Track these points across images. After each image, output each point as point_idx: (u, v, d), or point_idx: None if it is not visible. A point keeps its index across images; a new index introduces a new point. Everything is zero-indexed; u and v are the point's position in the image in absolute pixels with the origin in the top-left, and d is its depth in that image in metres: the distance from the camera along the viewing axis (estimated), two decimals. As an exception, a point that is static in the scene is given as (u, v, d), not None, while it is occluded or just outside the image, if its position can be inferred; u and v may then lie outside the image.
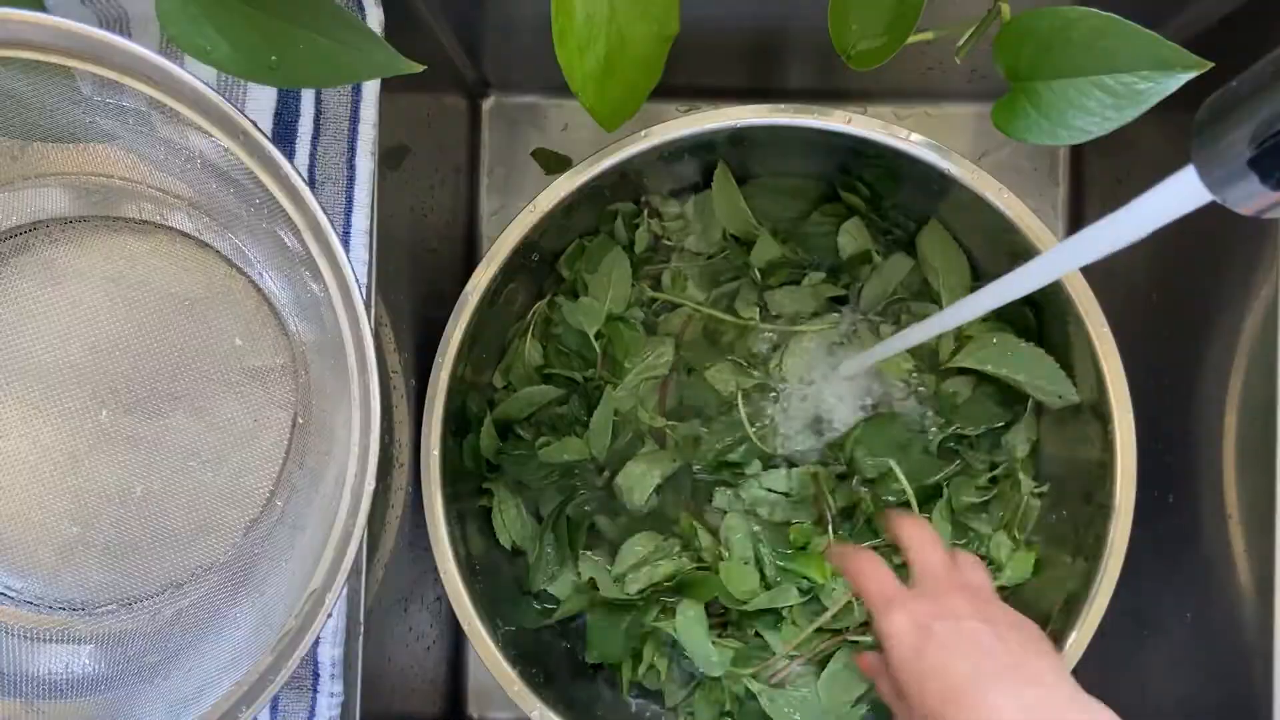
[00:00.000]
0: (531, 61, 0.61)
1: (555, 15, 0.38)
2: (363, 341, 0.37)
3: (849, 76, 0.43)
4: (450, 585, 0.51)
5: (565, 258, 0.59)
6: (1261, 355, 0.47)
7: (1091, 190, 0.64)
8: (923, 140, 0.49)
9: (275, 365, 0.46)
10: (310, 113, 0.46)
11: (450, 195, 0.61)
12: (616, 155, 0.51)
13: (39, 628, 0.45)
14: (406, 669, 0.55)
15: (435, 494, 0.51)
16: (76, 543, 0.45)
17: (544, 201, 0.51)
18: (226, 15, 0.36)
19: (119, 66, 0.37)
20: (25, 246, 0.46)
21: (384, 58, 0.38)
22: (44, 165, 0.45)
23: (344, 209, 0.46)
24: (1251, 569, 0.47)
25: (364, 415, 0.38)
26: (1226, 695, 0.49)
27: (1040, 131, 0.39)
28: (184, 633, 0.44)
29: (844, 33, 0.41)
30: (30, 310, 0.45)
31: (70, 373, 0.45)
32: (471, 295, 0.51)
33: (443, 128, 0.60)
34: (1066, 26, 0.37)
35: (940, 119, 0.64)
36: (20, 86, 0.38)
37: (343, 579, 0.38)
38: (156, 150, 0.43)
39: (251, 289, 0.46)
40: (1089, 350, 0.50)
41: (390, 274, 0.49)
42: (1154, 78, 0.36)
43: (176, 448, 0.46)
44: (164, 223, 0.46)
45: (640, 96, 0.41)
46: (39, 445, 0.45)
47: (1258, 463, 0.46)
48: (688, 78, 0.60)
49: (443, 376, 0.51)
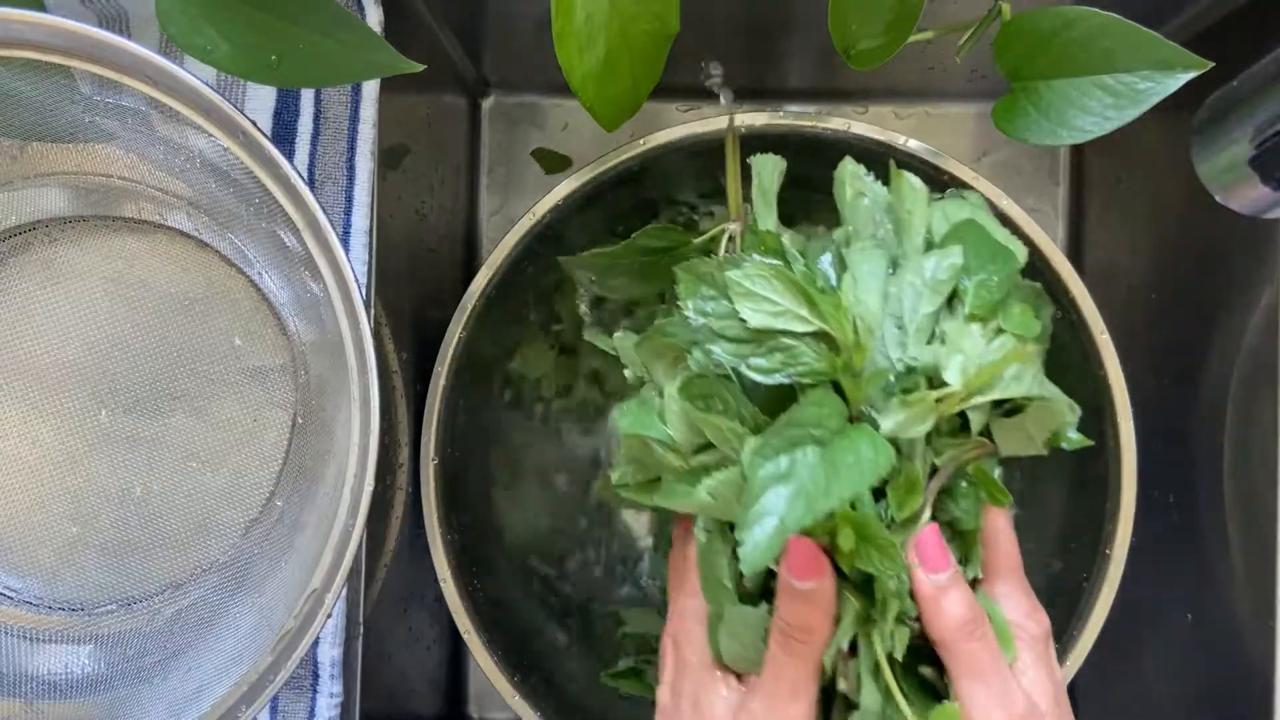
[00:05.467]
0: (531, 61, 0.61)
1: (555, 15, 0.38)
2: (362, 341, 0.37)
3: (849, 76, 0.43)
4: (449, 595, 0.51)
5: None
6: (1262, 355, 0.47)
7: (1092, 190, 0.64)
8: (920, 146, 0.49)
9: (275, 365, 0.46)
10: (310, 112, 0.46)
11: (450, 195, 0.61)
12: (621, 156, 0.50)
13: (38, 628, 0.45)
14: (406, 669, 0.55)
15: (433, 509, 0.51)
16: (76, 543, 0.45)
17: (543, 206, 0.51)
18: (226, 15, 0.36)
19: (118, 66, 0.37)
20: (24, 246, 0.46)
21: (384, 57, 0.38)
22: (43, 165, 0.45)
23: (343, 209, 0.46)
24: (1252, 569, 0.47)
25: (364, 415, 0.38)
26: (1227, 695, 0.49)
27: (1040, 131, 0.39)
28: (183, 633, 0.44)
29: (844, 32, 0.41)
30: (29, 310, 0.45)
31: (69, 372, 0.45)
32: (472, 299, 0.51)
33: (443, 127, 0.60)
34: (1067, 26, 0.37)
35: (940, 119, 0.64)
36: (20, 86, 0.38)
37: (342, 579, 0.38)
38: (156, 150, 0.43)
39: (251, 289, 0.46)
40: (1089, 351, 0.50)
41: (390, 274, 0.49)
42: (1154, 77, 0.36)
43: (176, 448, 0.46)
44: (163, 222, 0.46)
45: (641, 96, 0.41)
46: (38, 445, 0.45)
47: (1258, 463, 0.46)
48: (688, 77, 0.60)
49: (441, 385, 0.51)
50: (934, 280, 0.37)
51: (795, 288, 0.35)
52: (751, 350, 0.36)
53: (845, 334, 0.35)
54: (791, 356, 0.35)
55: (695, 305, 0.36)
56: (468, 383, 0.54)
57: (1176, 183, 0.53)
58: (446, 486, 0.52)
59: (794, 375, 0.35)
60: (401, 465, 0.52)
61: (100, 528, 0.45)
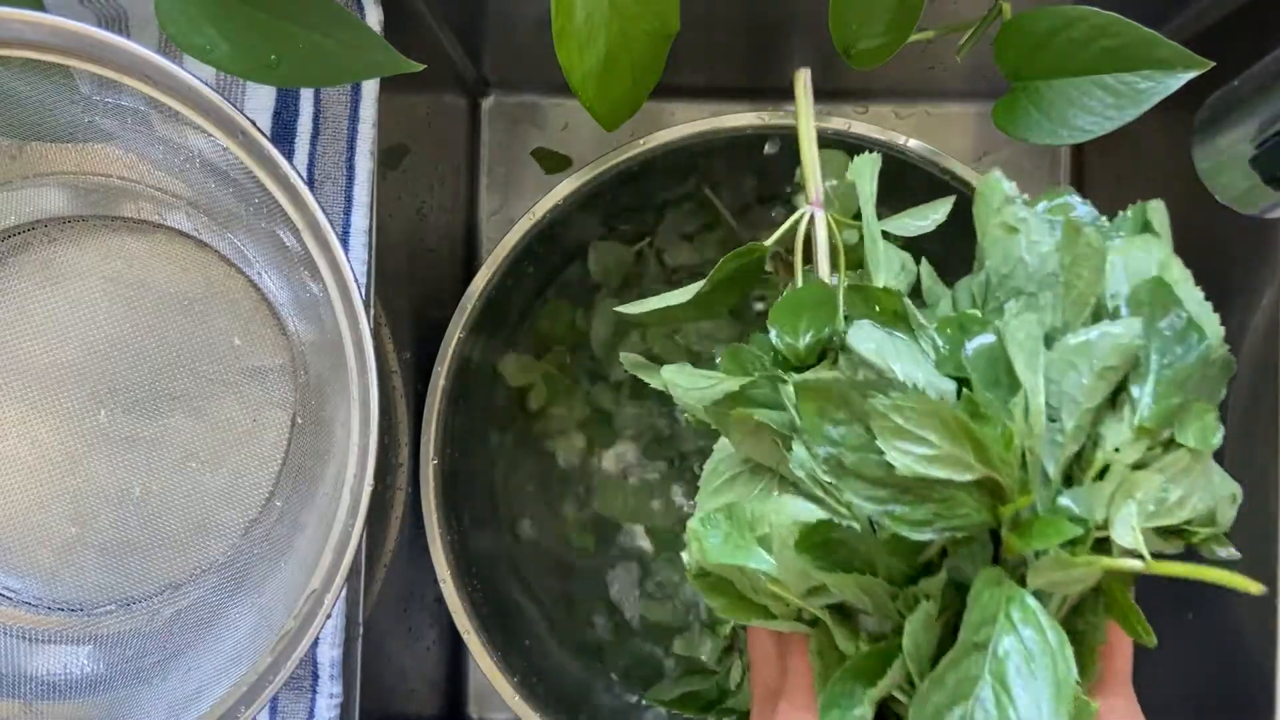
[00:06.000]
0: (531, 60, 0.61)
1: (555, 14, 0.38)
2: (362, 341, 0.37)
3: (849, 76, 0.43)
4: (449, 595, 0.51)
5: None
6: (1263, 357, 0.46)
7: (1092, 190, 0.64)
8: (921, 146, 0.49)
9: (274, 365, 0.46)
10: (309, 112, 0.46)
11: (450, 195, 0.61)
12: (621, 156, 0.50)
13: (37, 628, 0.45)
14: (406, 669, 0.55)
15: (433, 509, 0.51)
16: (75, 543, 0.45)
17: (543, 206, 0.51)
18: (225, 14, 0.36)
19: (118, 66, 0.36)
20: (23, 246, 0.46)
21: (384, 57, 0.38)
22: (42, 165, 0.45)
23: (343, 208, 0.45)
24: (1252, 569, 0.47)
25: (363, 415, 0.37)
26: (1227, 695, 0.49)
27: (1041, 131, 0.39)
28: (183, 633, 0.44)
29: (844, 32, 0.41)
30: (28, 310, 0.45)
31: (68, 373, 0.45)
32: (471, 299, 0.51)
33: (442, 127, 0.60)
34: (1067, 26, 0.37)
35: (941, 118, 0.64)
36: (19, 86, 0.38)
37: (342, 579, 0.38)
38: (155, 150, 0.43)
39: (250, 288, 0.46)
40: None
41: (390, 274, 0.49)
42: (1155, 77, 0.36)
43: (175, 448, 0.46)
44: (162, 222, 0.46)
45: (641, 95, 0.41)
46: (37, 446, 0.45)
47: (1258, 463, 0.46)
48: (688, 77, 0.60)
49: (441, 385, 0.51)
50: (1102, 368, 0.29)
51: (960, 431, 0.27)
52: (894, 496, 0.29)
53: (1014, 479, 0.29)
54: (946, 509, 0.28)
55: (823, 433, 0.29)
56: (468, 383, 0.54)
57: (1177, 183, 0.53)
58: (446, 486, 0.52)
59: (948, 531, 0.29)
60: (401, 465, 0.52)
61: (99, 528, 0.45)
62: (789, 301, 0.33)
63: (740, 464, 0.34)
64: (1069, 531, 0.28)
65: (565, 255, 0.59)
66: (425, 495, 0.51)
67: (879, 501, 0.29)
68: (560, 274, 0.60)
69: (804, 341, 0.33)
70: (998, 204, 0.32)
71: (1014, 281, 0.32)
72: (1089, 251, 0.30)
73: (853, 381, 0.30)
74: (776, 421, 0.31)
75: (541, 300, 0.59)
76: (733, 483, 0.34)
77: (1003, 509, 0.28)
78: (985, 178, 0.33)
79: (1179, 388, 0.29)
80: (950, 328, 0.31)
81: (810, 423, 0.29)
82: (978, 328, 0.31)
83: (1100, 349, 0.29)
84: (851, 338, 0.30)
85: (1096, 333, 0.29)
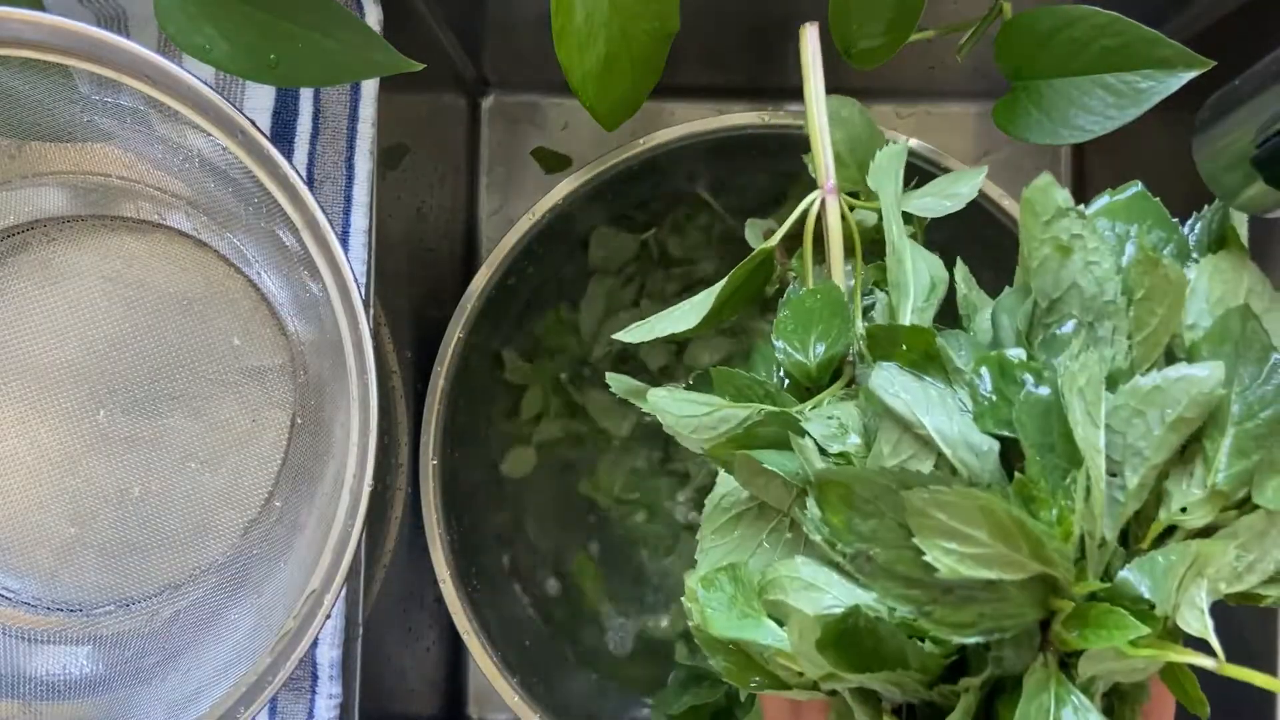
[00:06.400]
0: (531, 60, 0.61)
1: (555, 14, 0.38)
2: (361, 341, 0.37)
3: (849, 75, 0.43)
4: (448, 595, 0.50)
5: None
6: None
7: (1093, 190, 0.64)
8: (921, 146, 0.49)
9: (273, 365, 0.46)
10: (309, 112, 0.45)
11: (450, 195, 0.61)
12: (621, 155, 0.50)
13: (36, 629, 0.45)
14: (406, 669, 0.55)
15: (432, 509, 0.51)
16: (74, 544, 0.45)
17: (542, 205, 0.51)
18: (225, 14, 0.36)
19: (117, 65, 0.36)
20: (22, 246, 0.46)
21: (383, 56, 0.38)
22: (41, 164, 0.45)
23: (343, 208, 0.45)
24: None
25: (363, 415, 0.37)
26: (1227, 695, 0.49)
27: (1041, 131, 0.39)
28: (182, 634, 0.44)
29: (845, 32, 0.41)
30: (27, 310, 0.45)
31: (67, 373, 0.45)
32: (471, 299, 0.51)
33: (442, 127, 0.60)
34: (1068, 25, 0.37)
35: (941, 118, 0.64)
36: (18, 85, 0.38)
37: (341, 580, 0.37)
38: (154, 149, 0.43)
39: (250, 288, 0.46)
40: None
41: (389, 274, 0.49)
42: (1156, 76, 0.36)
43: (174, 448, 0.46)
44: (162, 222, 0.46)
45: (640, 95, 0.41)
46: (36, 446, 0.45)
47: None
48: (688, 77, 0.60)
49: (441, 385, 0.51)
50: (1176, 418, 0.24)
51: (1014, 528, 0.23)
52: (933, 598, 0.24)
53: (1070, 570, 0.25)
54: (993, 609, 0.24)
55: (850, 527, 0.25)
56: (468, 383, 0.54)
57: (1178, 182, 0.53)
58: (446, 486, 0.52)
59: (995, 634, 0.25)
60: (401, 465, 0.52)
61: (99, 528, 0.45)
62: (797, 309, 0.29)
63: (747, 500, 0.30)
64: (1133, 630, 0.24)
65: (565, 255, 0.59)
66: (425, 495, 0.51)
67: (916, 603, 0.25)
68: (560, 273, 0.60)
69: (815, 357, 0.29)
70: (1048, 216, 0.27)
71: (1067, 307, 0.27)
72: (1166, 285, 0.25)
73: (883, 471, 0.25)
74: (786, 471, 0.27)
75: (541, 300, 0.59)
76: (738, 521, 0.30)
77: (1057, 602, 0.25)
78: (1033, 184, 0.27)
79: (1260, 443, 0.25)
80: (990, 368, 0.26)
81: (835, 519, 0.25)
82: (1026, 373, 0.26)
83: (1174, 395, 0.24)
84: (875, 383, 0.26)
85: (1174, 374, 0.24)
